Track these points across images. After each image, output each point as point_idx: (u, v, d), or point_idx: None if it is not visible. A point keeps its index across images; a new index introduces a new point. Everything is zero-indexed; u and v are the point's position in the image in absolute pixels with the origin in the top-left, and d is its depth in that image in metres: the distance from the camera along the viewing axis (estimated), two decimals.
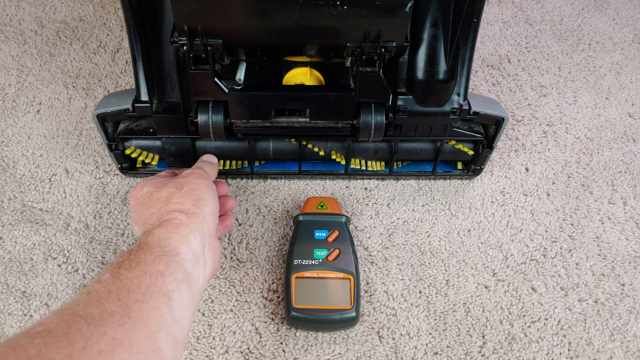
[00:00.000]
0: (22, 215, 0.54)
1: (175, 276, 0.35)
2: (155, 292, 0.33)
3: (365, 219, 0.56)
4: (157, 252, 0.36)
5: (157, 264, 0.35)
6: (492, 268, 0.53)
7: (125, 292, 0.32)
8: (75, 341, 0.28)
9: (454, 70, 0.48)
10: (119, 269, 0.34)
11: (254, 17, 0.41)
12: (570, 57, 0.75)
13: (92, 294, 0.32)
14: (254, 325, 0.48)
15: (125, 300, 0.32)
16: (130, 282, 0.33)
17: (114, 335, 0.30)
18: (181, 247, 0.37)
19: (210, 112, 0.48)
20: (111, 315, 0.31)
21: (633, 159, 0.63)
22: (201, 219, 0.40)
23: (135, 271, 0.34)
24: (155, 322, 0.32)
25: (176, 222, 0.39)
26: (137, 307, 0.32)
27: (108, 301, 0.31)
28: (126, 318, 0.31)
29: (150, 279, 0.34)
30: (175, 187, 0.43)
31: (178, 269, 0.36)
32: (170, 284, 0.34)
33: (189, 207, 0.41)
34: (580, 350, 0.48)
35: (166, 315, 0.33)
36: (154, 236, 0.37)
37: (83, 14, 0.76)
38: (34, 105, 0.64)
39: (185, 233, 0.38)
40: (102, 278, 0.33)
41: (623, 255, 0.54)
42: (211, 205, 0.42)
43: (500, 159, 0.62)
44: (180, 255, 0.37)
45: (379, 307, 0.50)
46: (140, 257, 0.35)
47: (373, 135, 0.50)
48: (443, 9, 0.47)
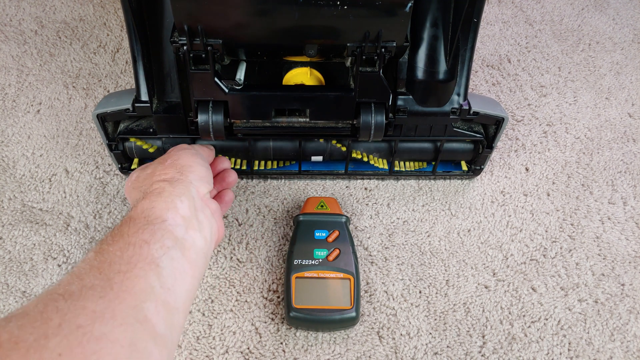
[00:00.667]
0: (22, 215, 0.54)
1: (162, 243, 0.33)
2: (140, 261, 0.32)
3: (365, 219, 0.56)
4: (140, 223, 0.34)
5: (141, 233, 0.33)
6: (492, 268, 0.53)
7: (107, 265, 0.31)
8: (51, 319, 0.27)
9: (454, 70, 0.48)
10: (102, 245, 0.33)
11: (254, 17, 0.41)
12: (570, 57, 0.75)
13: (74, 272, 0.31)
14: (254, 325, 0.48)
15: (107, 272, 0.30)
16: (112, 255, 0.32)
17: (94, 308, 0.28)
18: (166, 213, 0.36)
19: (210, 112, 0.48)
20: (91, 289, 0.29)
21: (633, 159, 0.63)
22: (187, 184, 0.39)
23: (117, 244, 0.32)
24: (141, 290, 0.30)
25: (159, 191, 0.37)
26: (120, 277, 0.30)
27: (89, 275, 0.30)
28: (108, 289, 0.29)
29: (133, 248, 0.32)
30: (158, 162, 0.42)
31: (165, 235, 0.34)
32: (157, 251, 0.33)
33: (172, 175, 0.40)
34: (580, 350, 0.48)
35: (154, 283, 0.31)
36: (137, 209, 0.36)
37: (83, 14, 0.76)
38: (34, 105, 0.64)
39: (169, 199, 0.37)
40: (86, 257, 0.32)
41: (623, 255, 0.54)
42: (197, 171, 0.41)
43: (500, 159, 0.62)
44: (166, 221, 0.35)
45: (379, 307, 0.50)
46: (123, 230, 0.34)
47: (373, 135, 0.50)
48: (443, 9, 0.47)
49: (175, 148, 0.45)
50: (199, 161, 0.42)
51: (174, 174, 0.40)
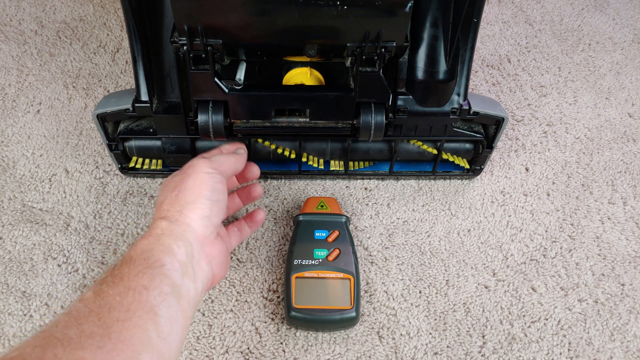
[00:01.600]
0: (22, 215, 0.54)
1: (161, 289, 0.33)
2: (139, 309, 0.31)
3: (365, 219, 0.56)
4: (140, 266, 0.34)
5: (141, 277, 0.33)
6: (492, 268, 0.53)
7: (107, 310, 0.30)
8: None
9: (454, 70, 0.48)
10: (101, 286, 0.32)
11: (254, 17, 0.41)
12: (570, 57, 0.75)
13: (72, 314, 0.30)
14: (254, 325, 0.48)
15: (106, 320, 0.30)
16: (112, 300, 0.31)
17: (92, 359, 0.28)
18: (165, 257, 0.35)
19: (210, 112, 0.48)
20: (90, 337, 0.29)
21: (633, 159, 0.63)
22: (185, 227, 0.38)
23: (117, 287, 0.32)
24: (139, 341, 0.30)
25: (158, 232, 0.37)
26: (119, 326, 0.30)
27: (88, 321, 0.30)
28: (106, 339, 0.29)
29: (133, 294, 0.32)
30: (169, 189, 0.40)
31: (164, 281, 0.33)
32: (156, 298, 0.32)
33: (173, 213, 0.38)
34: (580, 350, 0.48)
35: (151, 333, 0.31)
36: (137, 249, 0.35)
37: (83, 14, 0.76)
38: (34, 105, 0.64)
39: (167, 243, 0.36)
40: (84, 297, 0.32)
41: (623, 255, 0.54)
42: (201, 208, 0.39)
43: (500, 159, 0.62)
44: (165, 266, 0.34)
45: (379, 307, 0.50)
46: (123, 272, 0.33)
47: (373, 135, 0.50)
48: (443, 9, 0.47)
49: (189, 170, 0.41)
50: (206, 194, 0.39)
51: (174, 213, 0.38)
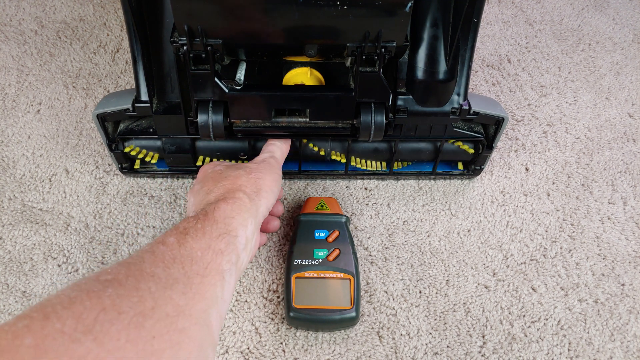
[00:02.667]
0: (22, 215, 0.54)
1: (230, 257, 0.36)
2: (213, 269, 0.34)
3: (365, 219, 0.56)
4: (221, 229, 0.37)
5: (220, 241, 0.36)
6: (492, 268, 0.53)
7: (189, 262, 0.33)
8: (146, 299, 0.29)
9: (454, 70, 0.48)
10: (185, 236, 0.35)
11: (254, 17, 0.41)
12: (570, 57, 0.75)
13: (158, 255, 0.33)
14: (254, 325, 0.48)
15: (188, 270, 0.33)
16: (194, 253, 0.34)
17: (178, 301, 0.30)
18: (240, 229, 0.38)
19: (210, 112, 0.48)
20: (176, 282, 0.31)
21: (633, 159, 0.63)
22: (258, 207, 0.41)
23: (200, 242, 0.35)
24: (211, 297, 0.33)
25: (240, 204, 0.40)
26: (198, 280, 0.33)
27: (173, 266, 0.32)
28: (188, 288, 0.32)
29: (212, 255, 0.35)
30: (245, 171, 0.44)
31: (234, 250, 0.37)
32: (226, 264, 0.35)
33: (251, 192, 0.42)
34: (580, 350, 0.48)
35: (219, 293, 0.34)
36: (220, 211, 0.38)
37: (83, 14, 0.76)
38: (34, 105, 0.64)
39: (245, 217, 0.39)
40: (166, 240, 0.34)
41: (623, 255, 0.54)
42: (269, 199, 0.43)
43: (500, 159, 0.62)
44: (238, 237, 0.38)
45: (379, 307, 0.50)
46: (206, 228, 0.36)
47: (373, 135, 0.50)
48: (443, 9, 0.47)
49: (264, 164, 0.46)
50: (274, 190, 0.44)
51: (252, 192, 0.42)
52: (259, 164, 0.46)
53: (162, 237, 0.35)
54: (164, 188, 0.57)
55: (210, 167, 0.47)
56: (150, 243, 0.34)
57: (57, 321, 0.26)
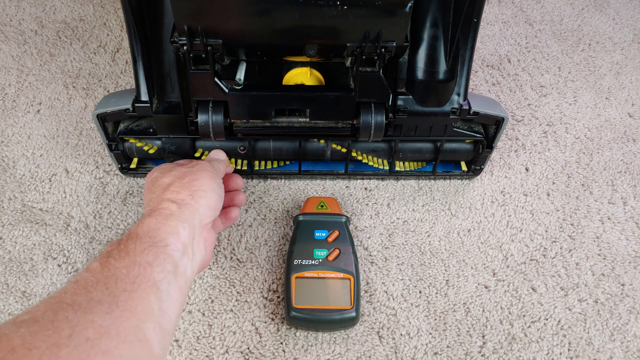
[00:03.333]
0: (22, 215, 0.54)
1: (163, 267, 0.35)
2: (143, 282, 0.33)
3: (365, 219, 0.56)
4: (146, 243, 0.36)
5: (146, 254, 0.35)
6: (492, 268, 0.53)
7: (114, 281, 0.32)
8: (62, 329, 0.28)
9: (454, 70, 0.48)
10: (108, 258, 0.34)
11: (254, 17, 0.41)
12: (570, 57, 0.75)
13: (80, 282, 0.32)
14: (254, 325, 0.48)
15: (113, 289, 0.32)
16: (118, 272, 0.33)
17: (101, 323, 0.29)
18: (170, 238, 0.37)
19: (210, 112, 0.48)
20: (99, 303, 0.30)
21: (633, 159, 0.63)
22: (193, 211, 0.40)
23: (124, 261, 0.34)
24: (143, 311, 0.32)
25: (166, 213, 0.39)
26: (125, 296, 0.32)
27: (96, 289, 0.31)
28: (114, 306, 0.31)
29: (138, 269, 0.34)
30: (177, 176, 0.43)
31: (167, 259, 0.35)
32: (159, 275, 0.34)
33: (183, 197, 0.41)
34: (580, 350, 0.48)
35: (154, 305, 0.33)
36: (144, 226, 0.37)
37: (83, 14, 0.76)
38: (34, 105, 0.64)
39: (174, 224, 0.38)
40: (90, 267, 0.33)
41: (623, 255, 0.54)
42: (209, 198, 0.42)
43: (500, 159, 0.62)
44: (169, 246, 0.36)
45: (379, 307, 0.50)
46: (129, 247, 0.35)
47: (373, 135, 0.50)
48: (443, 9, 0.47)
49: (198, 166, 0.45)
50: (214, 187, 0.43)
51: (185, 196, 0.41)
52: (192, 167, 0.44)
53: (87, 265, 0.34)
54: None
55: (149, 175, 0.45)
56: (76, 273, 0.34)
57: None
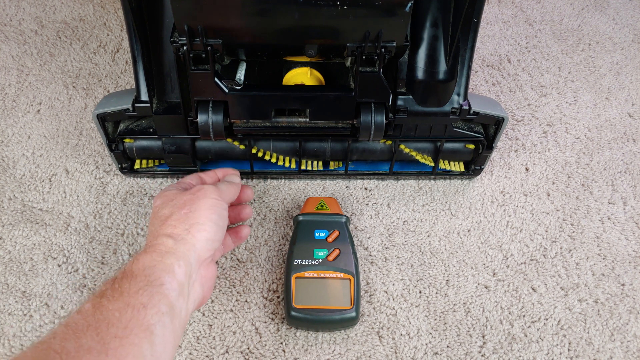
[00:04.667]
0: (22, 215, 0.54)
1: (158, 308, 0.33)
2: (135, 327, 0.32)
3: (365, 219, 0.56)
4: (141, 282, 0.34)
5: (140, 295, 0.33)
6: (492, 268, 0.53)
7: (105, 326, 0.31)
8: None
9: (454, 70, 0.48)
10: (101, 299, 0.33)
11: (254, 17, 0.41)
12: (570, 57, 0.75)
13: (70, 326, 0.31)
14: (254, 325, 0.48)
15: (104, 335, 0.30)
16: (111, 315, 0.32)
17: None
18: (165, 276, 0.35)
19: (210, 112, 0.48)
20: (88, 352, 0.29)
21: (633, 159, 0.63)
22: (189, 247, 0.38)
23: (117, 303, 0.32)
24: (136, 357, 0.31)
25: (162, 250, 0.37)
26: (116, 343, 0.30)
27: (86, 335, 0.30)
28: (103, 355, 0.29)
29: (132, 312, 0.32)
30: (177, 206, 0.41)
31: (162, 300, 0.34)
32: (153, 317, 0.33)
33: (180, 231, 0.39)
34: (580, 350, 0.48)
35: (146, 352, 0.31)
36: (139, 264, 0.36)
37: (83, 14, 0.76)
38: (34, 105, 0.64)
39: (169, 262, 0.36)
40: (82, 308, 0.32)
41: (623, 255, 0.54)
42: (207, 230, 0.40)
43: (500, 159, 0.62)
44: (164, 285, 0.35)
45: (379, 307, 0.50)
46: (123, 286, 0.34)
47: (373, 135, 0.50)
48: (443, 9, 0.47)
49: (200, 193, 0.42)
50: (213, 218, 0.41)
51: (181, 231, 0.39)
52: (194, 194, 0.42)
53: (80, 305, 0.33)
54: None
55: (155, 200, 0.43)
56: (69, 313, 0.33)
57: None
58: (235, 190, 0.46)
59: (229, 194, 0.45)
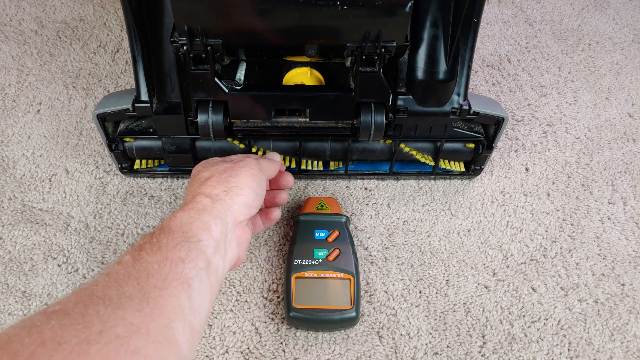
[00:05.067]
0: (22, 215, 0.54)
1: (195, 263, 0.34)
2: (174, 279, 0.32)
3: (365, 219, 0.56)
4: (179, 238, 0.35)
5: (179, 249, 0.34)
6: (492, 268, 0.53)
7: (145, 276, 0.32)
8: (92, 324, 0.28)
9: (454, 70, 0.48)
10: (140, 252, 0.34)
11: (254, 17, 0.41)
12: (570, 57, 0.75)
13: (112, 275, 0.31)
14: (254, 325, 0.48)
15: (145, 285, 0.31)
16: (150, 267, 0.32)
17: (132, 320, 0.29)
18: (202, 233, 0.36)
19: (210, 112, 0.48)
20: (130, 299, 0.30)
21: (633, 159, 0.63)
22: (226, 207, 0.39)
23: (156, 256, 0.33)
24: (173, 310, 0.31)
25: (199, 207, 0.38)
26: (156, 293, 0.31)
27: (127, 284, 0.31)
28: (144, 303, 0.30)
29: (170, 265, 0.33)
30: (218, 170, 0.42)
31: (199, 256, 0.35)
32: (191, 272, 0.33)
33: (218, 192, 0.40)
34: (580, 350, 0.48)
35: (184, 304, 0.32)
36: (177, 220, 0.37)
37: (83, 14, 0.76)
38: (34, 105, 0.64)
39: (206, 219, 0.37)
40: (122, 260, 0.33)
41: (623, 255, 0.54)
42: (245, 195, 0.41)
43: (500, 159, 0.62)
44: (201, 242, 0.36)
45: (379, 307, 0.50)
46: (162, 241, 0.35)
47: (373, 135, 0.50)
48: (443, 9, 0.47)
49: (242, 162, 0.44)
50: (252, 185, 0.42)
51: (220, 192, 0.40)
52: (236, 162, 0.44)
53: (119, 257, 0.34)
54: (164, 188, 0.57)
55: (195, 167, 0.45)
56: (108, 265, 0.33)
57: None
58: (275, 167, 0.48)
59: (269, 170, 0.47)
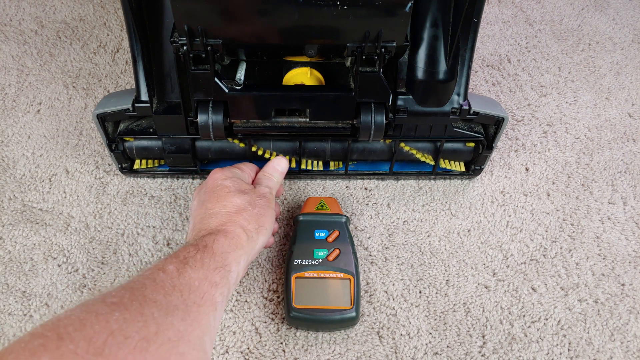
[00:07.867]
0: (22, 215, 0.54)
1: (223, 290, 0.38)
2: (208, 299, 0.36)
3: (365, 219, 0.56)
4: (218, 262, 0.39)
5: (216, 274, 0.38)
6: (492, 268, 0.53)
7: (187, 291, 0.35)
8: (149, 324, 0.31)
9: (454, 70, 0.48)
10: (185, 266, 0.36)
11: (254, 17, 0.41)
12: (570, 57, 0.75)
13: (158, 282, 0.34)
14: (254, 325, 0.48)
15: (186, 299, 0.34)
16: (192, 283, 0.36)
17: (179, 327, 0.32)
18: (233, 265, 0.40)
19: (210, 112, 0.48)
20: (176, 308, 0.33)
21: (633, 159, 0.63)
22: (254, 245, 0.43)
23: (198, 273, 0.37)
24: (206, 325, 0.35)
25: (237, 241, 0.41)
26: (195, 308, 0.35)
27: (173, 294, 0.34)
28: (187, 315, 0.33)
29: (208, 286, 0.36)
30: (249, 201, 0.44)
31: (226, 285, 0.38)
32: (219, 297, 0.37)
33: (251, 229, 0.43)
34: (580, 350, 0.48)
35: (211, 322, 0.36)
36: (219, 245, 0.40)
37: (83, 14, 0.76)
38: (34, 105, 0.64)
39: (240, 254, 0.41)
40: (167, 269, 0.36)
41: (623, 255, 0.54)
42: (266, 235, 0.45)
43: (500, 159, 0.62)
44: (231, 273, 0.39)
45: (379, 307, 0.50)
46: (205, 260, 0.38)
47: (373, 135, 0.50)
48: (443, 9, 0.47)
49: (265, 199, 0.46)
50: (270, 228, 0.45)
51: (252, 229, 0.43)
52: (261, 198, 0.46)
53: (161, 263, 0.36)
54: (164, 188, 0.57)
55: (220, 178, 0.46)
56: (150, 268, 0.36)
57: (70, 342, 0.27)
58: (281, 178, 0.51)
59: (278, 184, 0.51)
